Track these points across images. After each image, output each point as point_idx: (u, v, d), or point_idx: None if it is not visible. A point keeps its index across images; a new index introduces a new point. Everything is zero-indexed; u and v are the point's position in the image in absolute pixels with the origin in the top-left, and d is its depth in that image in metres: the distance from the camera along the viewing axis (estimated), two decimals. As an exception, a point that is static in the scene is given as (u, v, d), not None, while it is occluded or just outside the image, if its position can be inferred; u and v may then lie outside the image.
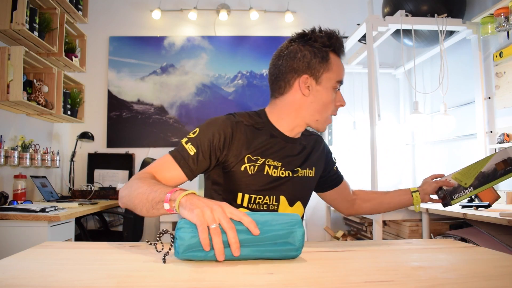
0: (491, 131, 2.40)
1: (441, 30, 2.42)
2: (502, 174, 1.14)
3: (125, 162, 3.35)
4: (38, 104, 2.41)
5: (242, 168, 1.03)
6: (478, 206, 1.86)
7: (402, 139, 3.54)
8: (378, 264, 0.74)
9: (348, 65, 3.21)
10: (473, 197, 2.00)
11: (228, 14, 3.55)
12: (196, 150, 1.00)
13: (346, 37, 1.05)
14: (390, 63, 3.59)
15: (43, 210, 1.90)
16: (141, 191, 0.87)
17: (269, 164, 1.06)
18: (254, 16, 3.52)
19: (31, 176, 2.61)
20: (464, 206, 1.90)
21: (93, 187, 2.98)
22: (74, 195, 2.91)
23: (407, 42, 2.76)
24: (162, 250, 0.75)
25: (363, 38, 2.73)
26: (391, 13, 2.60)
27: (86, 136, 3.09)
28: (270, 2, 3.62)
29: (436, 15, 2.44)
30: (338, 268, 0.70)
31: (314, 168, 1.17)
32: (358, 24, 2.70)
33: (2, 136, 2.33)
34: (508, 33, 2.24)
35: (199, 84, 3.55)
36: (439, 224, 2.16)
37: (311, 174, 1.16)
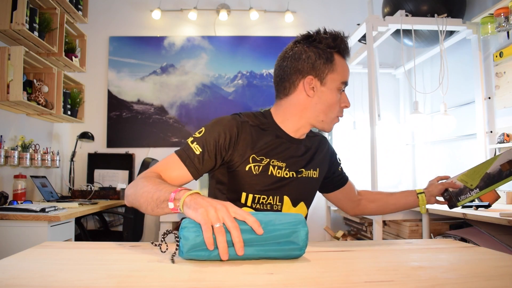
0: (491, 131, 2.40)
1: (441, 30, 2.42)
2: (507, 175, 1.14)
3: (125, 162, 3.35)
4: (38, 104, 2.41)
5: (247, 168, 1.04)
6: (478, 206, 1.86)
7: (402, 139, 3.54)
8: (378, 264, 0.74)
9: (348, 65, 3.20)
10: (473, 197, 2.00)
11: (228, 14, 3.55)
12: (201, 150, 1.00)
13: (346, 37, 1.05)
14: (390, 63, 3.59)
15: (43, 210, 1.90)
16: (146, 190, 0.88)
17: (273, 164, 1.07)
18: (254, 16, 3.52)
19: (31, 176, 2.61)
20: (464, 206, 1.90)
21: (93, 187, 2.98)
22: (74, 195, 2.91)
23: (407, 42, 2.76)
24: (167, 250, 0.76)
25: (363, 38, 2.73)
26: (391, 13, 2.60)
27: (86, 136, 3.09)
28: (270, 2, 3.62)
29: (436, 15, 2.44)
30: (338, 268, 0.70)
31: (318, 169, 1.17)
32: (358, 24, 2.70)
33: (2, 136, 2.33)
34: (508, 33, 2.24)
35: (199, 84, 3.55)
36: (439, 224, 2.16)
37: (315, 175, 1.16)
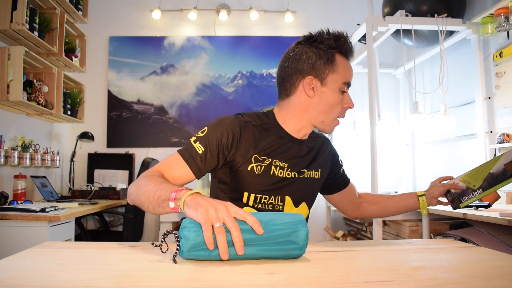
0: (491, 131, 2.40)
1: (441, 30, 2.42)
2: (511, 174, 1.11)
3: (125, 162, 3.35)
4: (38, 104, 2.41)
5: (249, 167, 1.04)
6: (478, 206, 1.86)
7: (402, 139, 3.54)
8: (378, 264, 0.74)
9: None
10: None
11: (228, 14, 3.55)
12: (204, 149, 1.01)
13: (349, 38, 1.06)
14: (390, 63, 3.59)
15: (43, 210, 1.90)
16: (148, 189, 0.88)
17: (275, 164, 1.07)
18: (254, 16, 3.52)
19: (31, 176, 2.61)
20: (464, 206, 1.90)
21: (93, 187, 2.98)
22: (74, 195, 2.91)
23: (407, 42, 2.76)
24: (167, 250, 0.76)
25: (363, 38, 2.73)
26: (391, 13, 2.59)
27: (86, 136, 3.09)
28: (270, 2, 3.62)
29: (436, 15, 2.43)
30: (338, 268, 0.70)
31: (320, 170, 1.17)
32: (358, 24, 2.70)
33: (2, 136, 2.33)
34: (508, 33, 2.24)
35: (199, 84, 3.55)
36: (439, 224, 2.16)
37: (317, 176, 1.17)
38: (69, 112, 2.88)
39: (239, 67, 3.56)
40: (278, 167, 1.07)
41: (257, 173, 1.05)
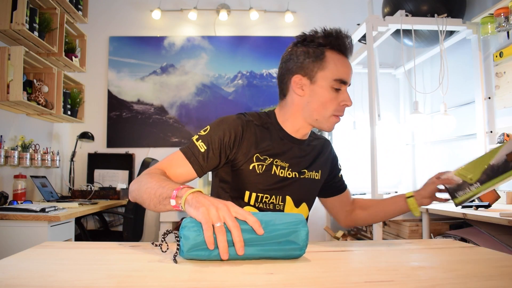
0: (491, 131, 2.40)
1: (441, 30, 2.42)
2: None
3: (125, 162, 3.35)
4: (38, 104, 2.41)
5: (251, 167, 1.05)
6: (478, 206, 1.86)
7: (402, 139, 3.54)
8: (378, 264, 0.74)
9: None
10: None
11: (228, 14, 3.55)
12: (206, 148, 1.01)
13: (344, 33, 1.05)
14: (390, 63, 3.59)
15: (43, 210, 1.90)
16: (149, 186, 0.89)
17: (276, 164, 1.08)
18: (254, 16, 3.52)
19: (31, 176, 2.61)
20: (464, 206, 1.90)
21: (93, 187, 2.98)
22: (74, 195, 2.90)
23: (407, 42, 2.76)
24: (167, 250, 0.76)
25: (363, 38, 2.73)
26: (391, 13, 2.59)
27: (86, 136, 3.09)
28: (270, 2, 3.62)
29: (436, 15, 2.43)
30: (338, 268, 0.70)
31: (320, 171, 1.18)
32: (358, 24, 2.70)
33: (2, 136, 2.33)
34: (508, 33, 2.24)
35: (199, 84, 3.55)
36: (439, 224, 2.16)
37: (317, 177, 1.17)
38: (69, 112, 2.88)
39: (239, 67, 3.56)
40: (279, 167, 1.08)
41: (258, 172, 1.05)
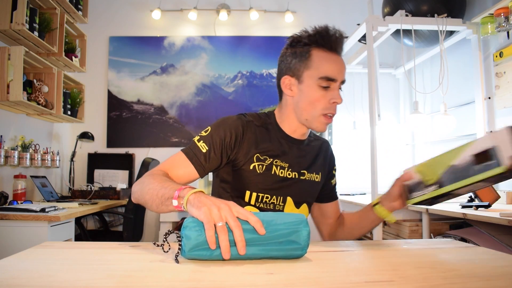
0: (491, 131, 2.40)
1: (441, 30, 2.42)
2: (481, 170, 0.77)
3: (125, 162, 3.35)
4: (38, 104, 2.41)
5: (251, 167, 1.06)
6: (478, 206, 1.86)
7: (402, 139, 3.54)
8: (378, 264, 0.74)
9: (348, 65, 3.21)
10: (473, 197, 1.98)
11: (228, 14, 3.55)
12: (208, 148, 1.02)
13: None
14: (390, 63, 3.59)
15: (43, 210, 1.90)
16: (151, 187, 0.89)
17: (276, 164, 1.08)
18: (254, 16, 3.52)
19: (31, 176, 2.61)
20: (464, 206, 1.90)
21: (93, 187, 2.98)
22: (74, 195, 2.90)
23: (407, 42, 2.76)
24: (169, 250, 0.76)
25: (363, 38, 2.73)
26: (391, 13, 2.59)
27: (86, 136, 3.09)
28: (270, 2, 3.62)
29: (436, 15, 2.43)
30: (338, 268, 0.70)
31: (320, 173, 1.18)
32: (358, 24, 2.70)
33: (2, 136, 2.33)
34: (508, 33, 2.24)
35: (199, 84, 3.55)
36: (439, 224, 2.16)
37: (318, 179, 1.17)
38: (69, 112, 2.88)
39: (239, 67, 3.56)
40: (279, 167, 1.09)
41: (258, 172, 1.06)
